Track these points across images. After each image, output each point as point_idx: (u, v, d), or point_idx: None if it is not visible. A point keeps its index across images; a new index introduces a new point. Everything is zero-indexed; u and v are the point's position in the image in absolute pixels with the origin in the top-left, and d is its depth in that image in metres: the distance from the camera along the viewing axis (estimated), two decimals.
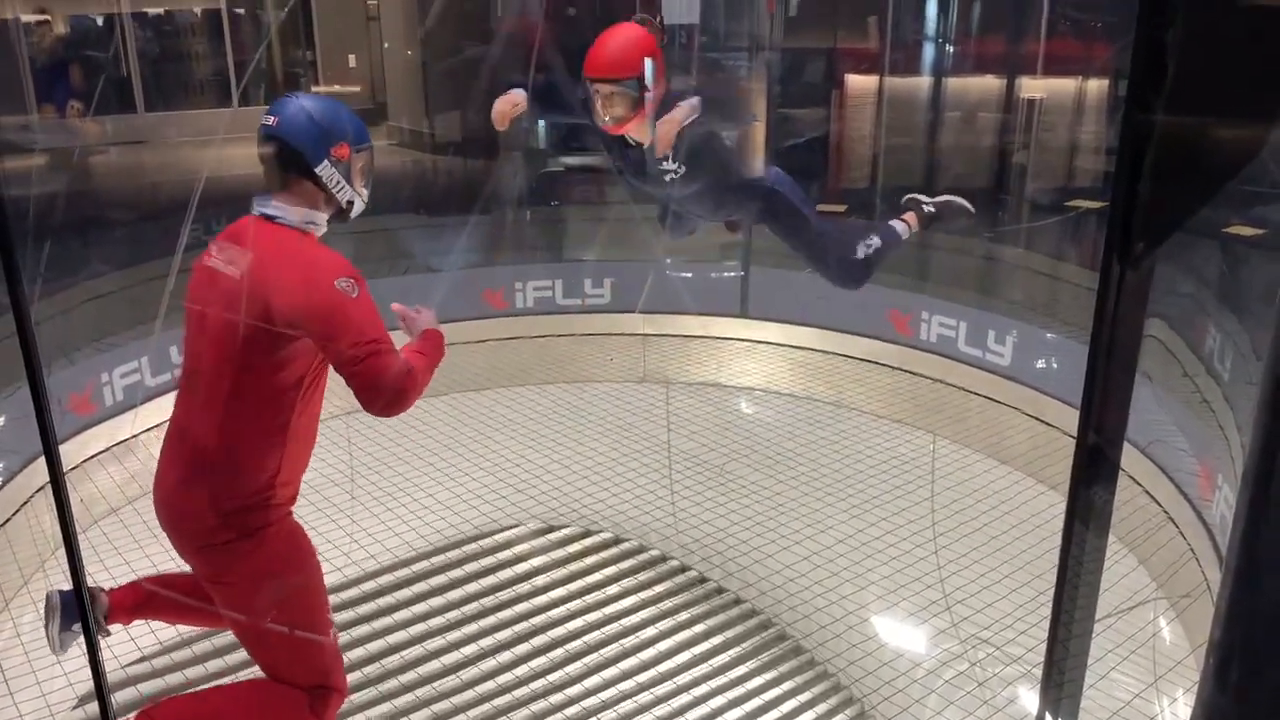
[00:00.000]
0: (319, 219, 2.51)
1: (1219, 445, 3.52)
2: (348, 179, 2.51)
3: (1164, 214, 1.57)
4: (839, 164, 7.65)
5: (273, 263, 2.37)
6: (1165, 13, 1.42)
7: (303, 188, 2.46)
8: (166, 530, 2.52)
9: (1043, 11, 6.62)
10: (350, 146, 2.50)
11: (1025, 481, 4.48)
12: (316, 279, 2.33)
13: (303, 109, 2.46)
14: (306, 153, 2.44)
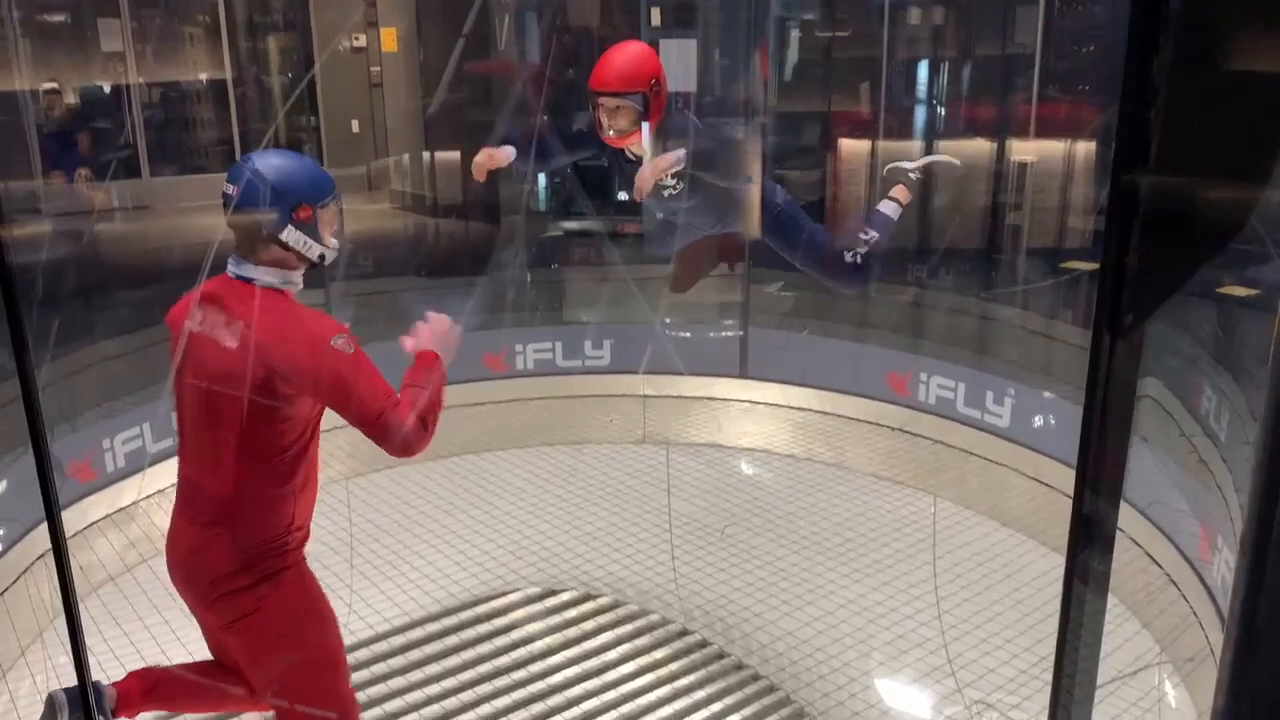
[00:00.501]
0: (295, 278, 2.52)
1: (1218, 506, 3.52)
2: (314, 236, 2.49)
3: (1153, 282, 1.60)
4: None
5: (268, 331, 2.38)
6: (1150, 85, 1.46)
7: (272, 251, 2.46)
8: (181, 588, 2.56)
9: (1033, 76, 6.75)
10: (312, 205, 2.47)
11: (1027, 544, 4.47)
12: (315, 343, 2.36)
13: (258, 176, 2.43)
14: (268, 221, 2.43)
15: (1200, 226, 1.57)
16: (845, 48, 8.00)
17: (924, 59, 7.71)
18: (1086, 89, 6.80)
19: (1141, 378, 3.40)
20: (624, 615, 3.96)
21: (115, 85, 9.85)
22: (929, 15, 7.66)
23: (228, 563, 2.44)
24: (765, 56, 7.35)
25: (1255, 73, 1.45)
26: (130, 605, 4.02)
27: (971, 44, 7.54)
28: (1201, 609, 3.50)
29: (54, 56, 9.68)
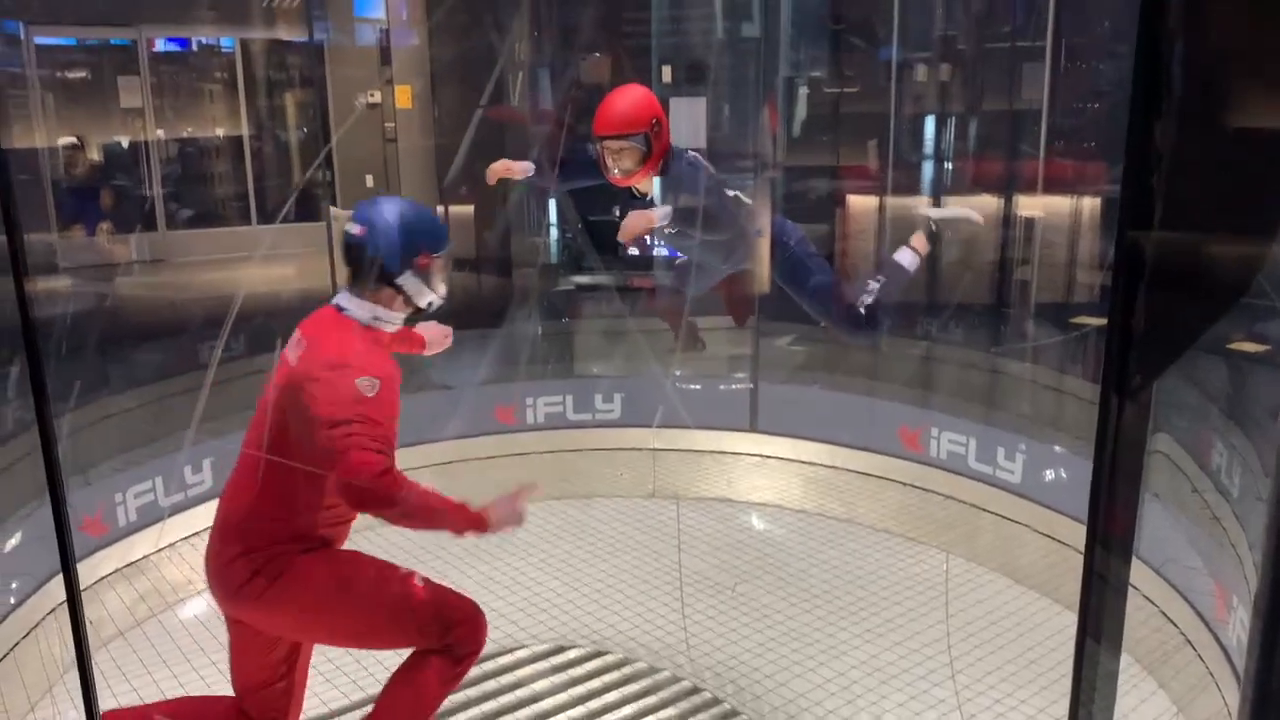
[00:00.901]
0: (393, 318, 2.68)
1: (1232, 564, 3.49)
2: (428, 283, 2.66)
3: (1161, 343, 1.61)
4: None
5: (319, 354, 2.52)
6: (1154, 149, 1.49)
7: (382, 292, 2.62)
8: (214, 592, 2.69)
9: (1040, 132, 6.82)
10: (431, 255, 2.63)
11: (1040, 601, 4.43)
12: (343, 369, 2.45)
13: (388, 222, 2.59)
14: (389, 265, 2.59)
15: (1208, 285, 1.59)
16: (853, 103, 8.10)
17: (931, 115, 7.80)
18: (1093, 145, 6.87)
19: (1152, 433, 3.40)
20: (634, 673, 3.93)
21: (134, 141, 10.02)
22: (935, 72, 7.76)
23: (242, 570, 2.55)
24: (774, 112, 7.45)
25: (1259, 130, 1.47)
26: (139, 660, 4.01)
27: (978, 100, 7.63)
28: (1218, 669, 3.45)
29: (75, 113, 9.87)
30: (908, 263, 3.67)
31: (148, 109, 9.95)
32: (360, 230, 2.59)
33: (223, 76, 10.55)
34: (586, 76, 8.39)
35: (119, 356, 6.04)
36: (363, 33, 10.49)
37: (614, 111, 3.41)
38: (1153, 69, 1.43)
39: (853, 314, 3.59)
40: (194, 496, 4.88)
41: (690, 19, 7.82)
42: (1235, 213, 1.53)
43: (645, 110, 3.39)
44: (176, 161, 10.36)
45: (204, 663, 3.97)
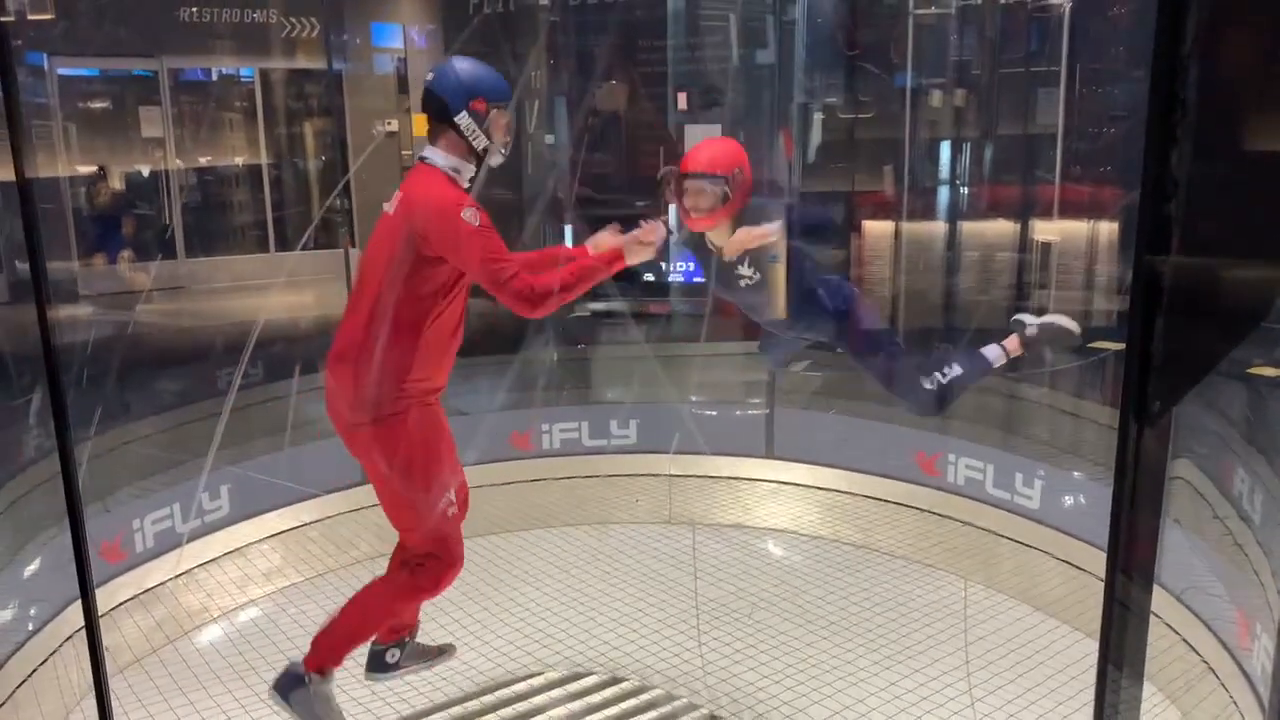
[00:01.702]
0: (464, 167, 3.01)
1: (1255, 591, 3.45)
2: (483, 129, 2.98)
3: (1180, 369, 1.60)
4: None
5: (415, 197, 2.95)
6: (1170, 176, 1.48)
7: (449, 137, 2.97)
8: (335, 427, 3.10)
9: (1055, 157, 6.82)
10: (487, 101, 2.97)
11: (1060, 629, 4.39)
12: (445, 208, 2.86)
13: (451, 67, 3.00)
14: (448, 103, 2.94)
15: (1226, 310, 1.58)
16: (868, 129, 8.12)
17: (946, 140, 7.81)
18: (1109, 170, 6.86)
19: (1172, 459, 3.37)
20: (650, 700, 3.91)
21: (155, 170, 10.12)
22: (950, 97, 7.77)
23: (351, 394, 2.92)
24: (789, 139, 7.47)
25: (1275, 154, 1.47)
26: (156, 687, 4.01)
27: (993, 125, 7.64)
28: (1242, 698, 3.40)
29: (96, 142, 9.99)
30: (992, 358, 3.61)
31: (168, 138, 10.06)
32: (432, 76, 2.98)
33: (243, 106, 10.67)
34: (602, 104, 8.45)
35: (138, 383, 6.08)
36: (380, 62, 10.60)
37: (700, 152, 3.55)
38: (1169, 93, 1.43)
39: (915, 393, 3.55)
40: (211, 523, 4.89)
41: (706, 46, 7.87)
42: (1253, 237, 1.53)
43: (730, 157, 3.50)
44: (196, 190, 10.47)
45: (220, 690, 3.97)
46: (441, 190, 2.92)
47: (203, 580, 4.73)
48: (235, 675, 4.08)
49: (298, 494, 5.16)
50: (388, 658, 3.42)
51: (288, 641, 4.33)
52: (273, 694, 3.17)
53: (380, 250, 2.97)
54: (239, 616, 4.58)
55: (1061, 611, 4.47)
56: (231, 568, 4.87)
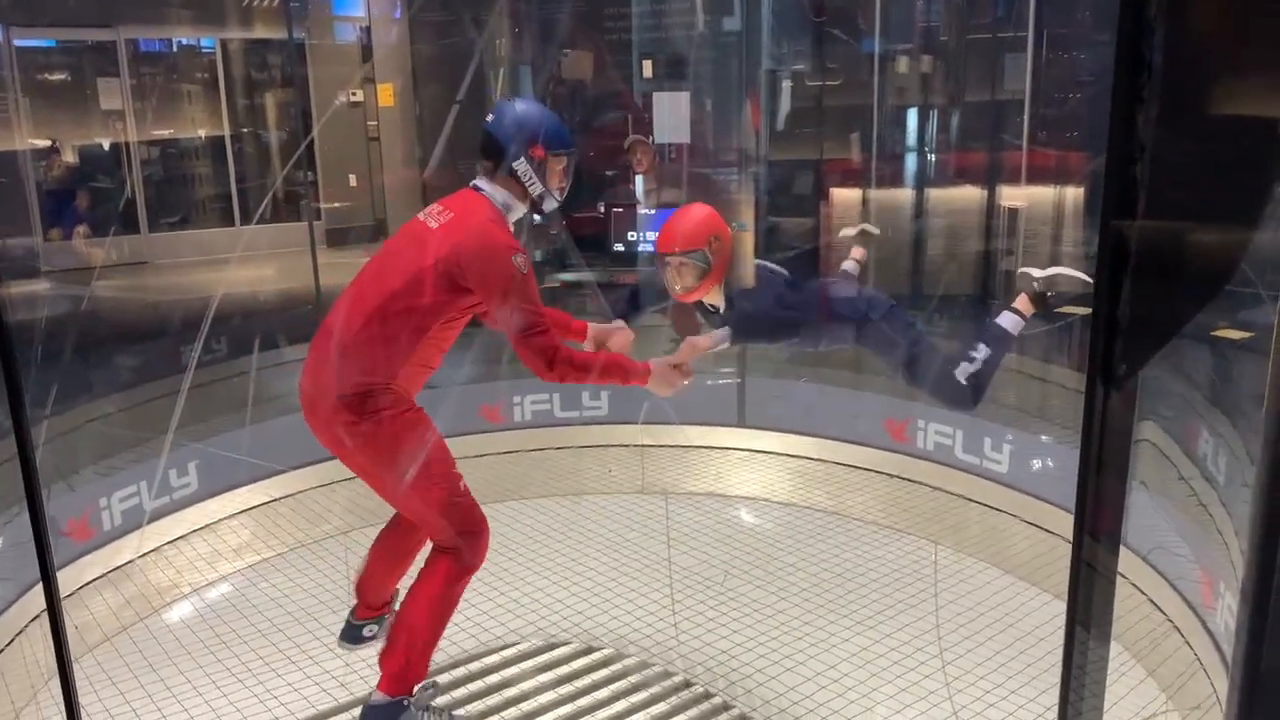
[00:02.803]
0: (516, 207, 3.02)
1: (1219, 551, 3.51)
2: (541, 177, 2.99)
3: (1146, 331, 1.61)
4: (828, 274, 7.77)
5: (468, 226, 2.90)
6: (1136, 138, 1.48)
7: (505, 179, 2.99)
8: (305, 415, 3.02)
9: (1022, 123, 6.83)
10: (546, 150, 2.98)
11: (1029, 591, 4.44)
12: (498, 250, 2.85)
13: (511, 110, 3.01)
14: (506, 150, 2.96)
15: (1192, 273, 1.59)
16: (836, 96, 8.10)
17: (914, 107, 7.81)
18: (1075, 135, 6.88)
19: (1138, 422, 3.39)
20: (625, 669, 3.92)
21: (115, 143, 9.95)
22: (918, 64, 7.76)
23: (330, 394, 2.87)
24: (756, 107, 7.44)
25: (1239, 118, 1.47)
26: (126, 665, 3.98)
27: (961, 92, 7.64)
28: (1206, 656, 3.47)
29: (54, 116, 9.79)
30: (1011, 326, 3.58)
31: (128, 110, 9.88)
32: (492, 119, 2.99)
33: (203, 77, 10.49)
34: (568, 72, 8.37)
35: (103, 360, 6.01)
36: (342, 31, 10.44)
37: (673, 228, 3.60)
38: (1134, 57, 1.42)
39: (954, 388, 3.53)
40: (179, 500, 4.86)
41: (671, 13, 7.80)
42: (1218, 200, 1.53)
43: (703, 229, 3.55)
44: (158, 163, 10.30)
45: (190, 666, 3.95)
46: (495, 229, 2.90)
47: (172, 557, 4.70)
48: (207, 651, 4.06)
49: (266, 469, 5.12)
50: (365, 632, 3.41)
51: (260, 615, 4.31)
52: None
53: (407, 257, 2.92)
54: (210, 593, 4.55)
55: (1030, 574, 4.53)
56: (201, 544, 4.84)
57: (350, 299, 2.96)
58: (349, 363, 2.87)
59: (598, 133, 8.37)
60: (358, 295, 2.95)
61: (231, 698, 3.74)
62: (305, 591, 4.52)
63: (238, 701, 3.72)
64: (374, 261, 3.02)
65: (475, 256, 2.84)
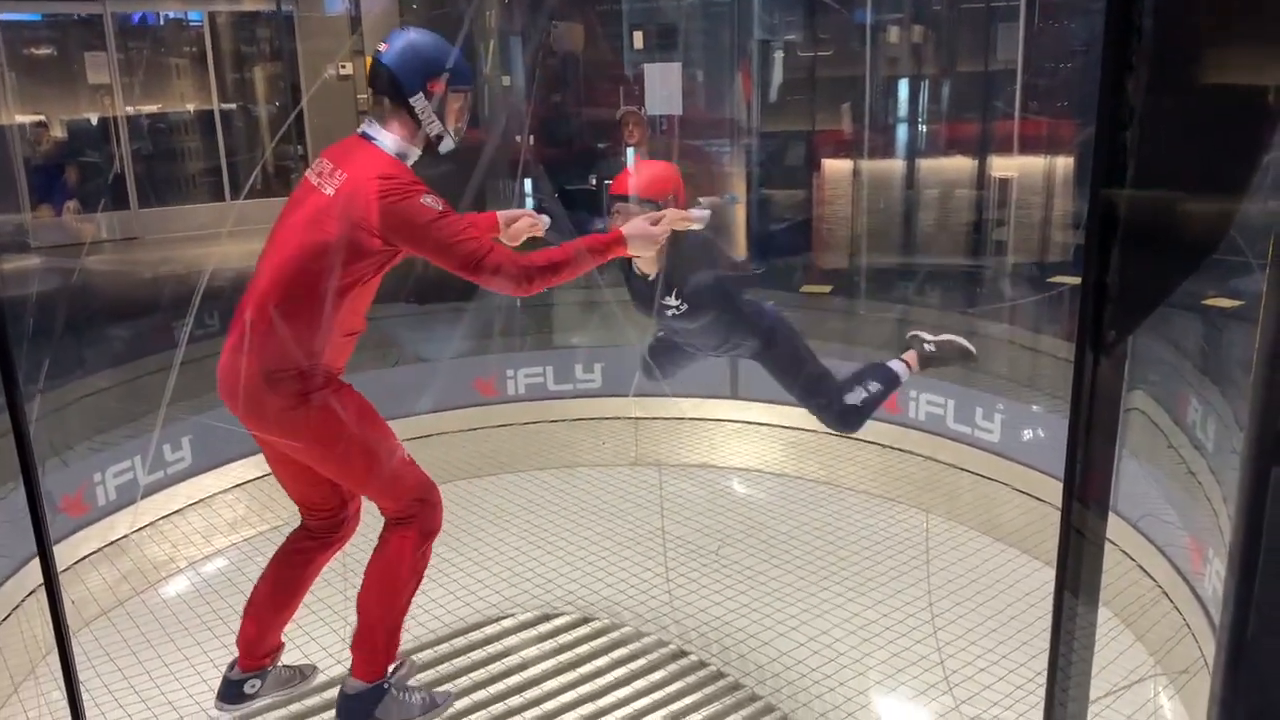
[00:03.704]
0: (411, 152, 2.73)
1: (1207, 518, 3.54)
2: (440, 114, 2.71)
3: (1135, 298, 1.62)
4: (821, 245, 7.78)
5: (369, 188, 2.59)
6: (1126, 104, 1.48)
7: (399, 116, 2.68)
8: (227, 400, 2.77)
9: (1014, 93, 6.82)
10: (446, 84, 2.70)
11: (1020, 558, 4.48)
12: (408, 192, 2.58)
13: (409, 42, 2.69)
14: (403, 83, 2.65)
15: (1180, 241, 1.59)
16: (828, 67, 8.07)
17: (905, 78, 7.78)
18: (1066, 105, 6.87)
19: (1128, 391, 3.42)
20: (620, 638, 3.96)
21: (102, 117, 9.87)
22: (909, 34, 7.73)
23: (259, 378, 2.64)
24: (748, 78, 7.41)
25: (1229, 86, 1.47)
26: (123, 639, 4.00)
27: (952, 62, 7.62)
28: (1194, 621, 3.51)
29: (41, 91, 9.71)
30: (901, 372, 3.67)
31: (116, 85, 9.79)
32: (385, 48, 2.68)
33: (191, 51, 10.39)
34: (558, 44, 8.32)
35: (95, 336, 5.99)
36: (331, 3, 10.34)
37: (634, 178, 3.44)
38: (1125, 23, 1.42)
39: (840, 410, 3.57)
40: (174, 475, 4.86)
41: None
42: (1207, 168, 1.53)
43: (665, 183, 3.41)
44: (147, 138, 10.22)
45: (188, 642, 3.97)
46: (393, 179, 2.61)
47: (167, 532, 4.71)
48: (203, 625, 4.08)
49: None
50: (246, 688, 3.07)
51: None
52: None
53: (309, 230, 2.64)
54: (205, 567, 4.57)
55: (1020, 541, 4.57)
56: (196, 518, 4.85)
57: (261, 277, 2.71)
58: (270, 345, 2.64)
59: (588, 104, 8.33)
60: (267, 272, 2.69)
61: None
62: None
63: None
64: (275, 235, 2.75)
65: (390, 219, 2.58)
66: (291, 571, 3.03)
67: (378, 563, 2.94)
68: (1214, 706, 1.64)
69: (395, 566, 2.91)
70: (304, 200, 2.70)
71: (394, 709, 2.92)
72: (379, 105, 2.71)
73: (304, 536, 3.03)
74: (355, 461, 2.80)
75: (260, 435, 2.80)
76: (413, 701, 2.96)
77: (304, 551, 3.02)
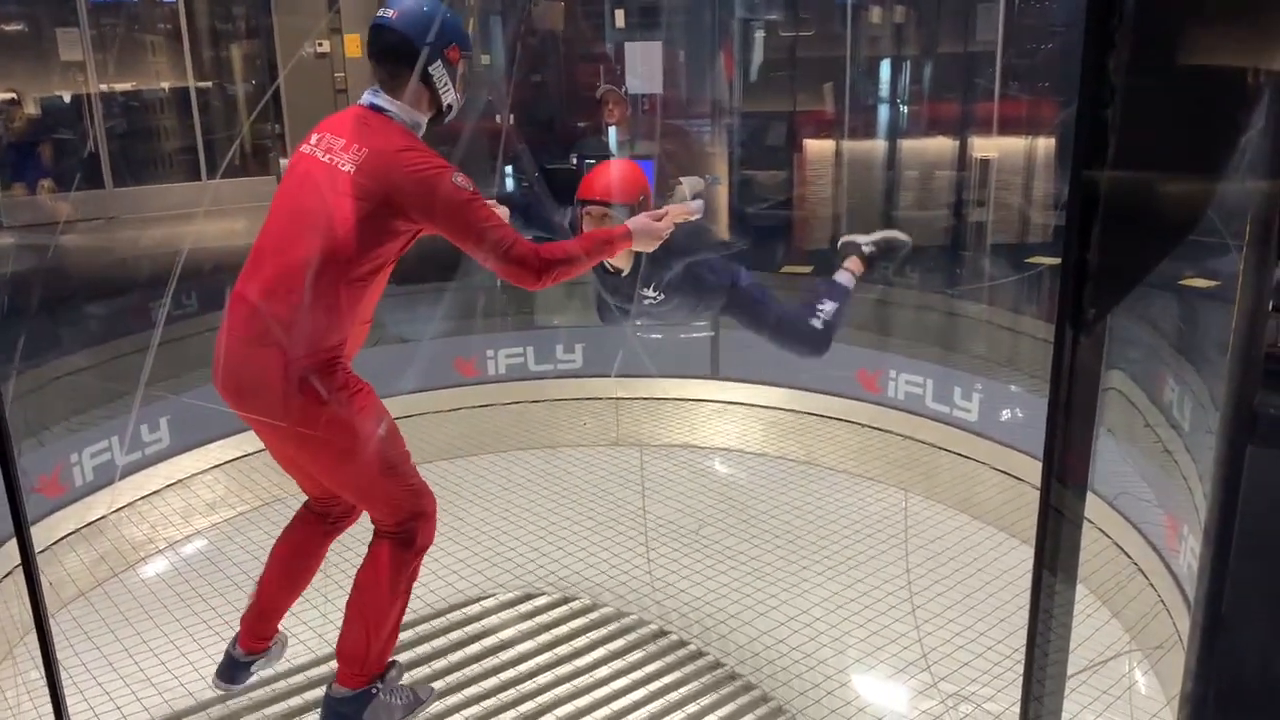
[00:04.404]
0: (422, 121, 2.62)
1: (1183, 495, 3.58)
2: (453, 81, 2.61)
3: (1114, 276, 1.63)
4: (803, 225, 7.78)
5: (394, 161, 2.47)
6: (1108, 82, 1.49)
7: (415, 88, 2.56)
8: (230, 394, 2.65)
9: (994, 74, 6.82)
10: (460, 50, 2.60)
11: (997, 536, 4.52)
12: (439, 171, 2.47)
13: (422, 6, 2.54)
14: (418, 49, 2.51)
15: (1159, 220, 1.60)
16: (809, 47, 8.05)
17: (887, 58, 7.77)
18: (1047, 85, 6.88)
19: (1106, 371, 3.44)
20: (601, 618, 3.97)
21: (76, 95, 9.73)
22: (890, 14, 7.71)
23: (281, 380, 2.50)
24: (730, 57, 7.38)
25: (1210, 67, 1.48)
26: (102, 620, 3.98)
27: (934, 42, 7.61)
28: (1169, 597, 3.55)
29: (11, 66, 9.57)
30: (848, 282, 3.76)
31: (89, 62, 9.66)
32: (394, 14, 2.52)
33: (166, 28, 10.25)
34: (539, 22, 8.26)
35: (70, 316, 5.93)
36: None
37: (600, 178, 3.41)
38: (1106, 4, 1.43)
39: (808, 337, 3.66)
40: (152, 455, 4.83)
41: None
42: (1186, 149, 1.54)
43: (635, 185, 3.39)
44: (121, 116, 10.09)
45: (166, 620, 3.96)
46: (421, 157, 2.49)
47: (146, 512, 4.68)
48: (183, 604, 4.07)
49: (238, 424, 5.09)
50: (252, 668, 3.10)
51: (236, 569, 4.32)
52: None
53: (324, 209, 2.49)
54: (185, 548, 4.55)
55: (999, 520, 4.60)
56: (175, 499, 4.83)
57: (267, 262, 2.56)
58: (296, 337, 2.49)
59: (569, 83, 8.28)
60: (278, 257, 2.54)
61: (209, 650, 3.75)
62: None
63: (215, 655, 3.72)
64: (282, 216, 2.61)
65: (420, 197, 2.46)
66: (303, 555, 2.99)
67: (371, 572, 2.83)
68: (1188, 680, 1.66)
69: (390, 577, 2.81)
70: (312, 177, 2.54)
71: (381, 713, 2.86)
72: (385, 74, 2.57)
73: (312, 520, 2.99)
74: (366, 475, 2.70)
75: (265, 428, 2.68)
76: (395, 703, 2.91)
77: (311, 535, 2.99)
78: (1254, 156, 1.55)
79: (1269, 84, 1.50)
